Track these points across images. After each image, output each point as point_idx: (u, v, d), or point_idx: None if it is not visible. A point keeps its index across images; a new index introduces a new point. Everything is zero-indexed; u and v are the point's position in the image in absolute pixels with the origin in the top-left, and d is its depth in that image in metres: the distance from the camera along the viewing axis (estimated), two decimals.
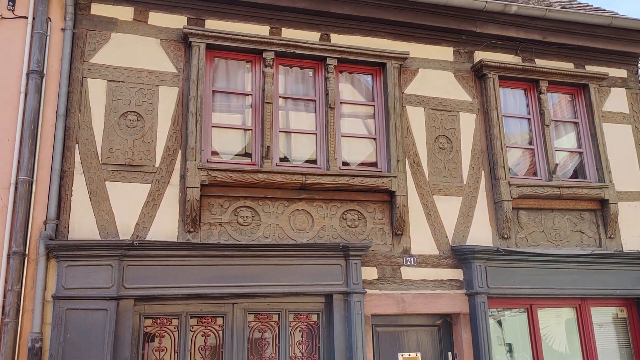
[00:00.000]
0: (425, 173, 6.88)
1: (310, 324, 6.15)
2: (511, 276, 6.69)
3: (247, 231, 6.10)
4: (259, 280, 5.90)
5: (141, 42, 6.24)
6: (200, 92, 6.12)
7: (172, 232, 5.83)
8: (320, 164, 6.55)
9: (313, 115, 6.75)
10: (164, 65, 6.25)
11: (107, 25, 6.19)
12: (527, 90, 7.66)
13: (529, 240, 7.03)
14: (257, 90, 6.54)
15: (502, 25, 7.45)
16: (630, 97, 8.13)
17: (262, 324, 6.00)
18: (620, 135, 7.89)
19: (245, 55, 6.59)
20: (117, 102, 6.00)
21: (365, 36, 7.09)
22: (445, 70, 7.33)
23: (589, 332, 7.01)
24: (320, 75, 6.83)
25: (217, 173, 5.95)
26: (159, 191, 5.88)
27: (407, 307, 6.35)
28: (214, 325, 5.84)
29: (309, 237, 6.28)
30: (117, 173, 5.82)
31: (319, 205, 6.40)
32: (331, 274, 6.13)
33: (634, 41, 8.03)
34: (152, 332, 5.66)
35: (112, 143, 5.88)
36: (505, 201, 6.84)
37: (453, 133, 7.13)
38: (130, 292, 5.48)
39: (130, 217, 5.74)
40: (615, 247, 7.33)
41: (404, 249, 6.56)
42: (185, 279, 5.67)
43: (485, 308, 6.43)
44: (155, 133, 6.03)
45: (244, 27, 6.60)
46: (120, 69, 6.09)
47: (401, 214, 6.49)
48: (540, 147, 7.42)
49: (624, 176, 7.67)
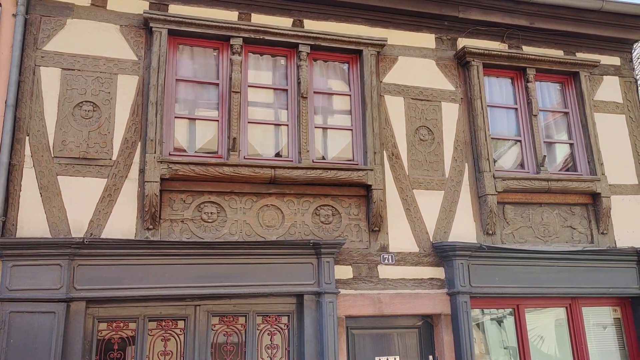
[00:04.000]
0: (404, 166, 6.49)
1: (280, 326, 5.76)
2: (496, 274, 6.29)
3: (212, 228, 5.72)
4: (224, 281, 5.52)
5: (99, 28, 5.88)
6: (161, 80, 5.75)
7: (130, 229, 5.45)
8: (291, 157, 6.17)
9: (285, 105, 6.37)
10: (124, 52, 5.88)
11: (62, 11, 5.83)
12: (514, 78, 7.26)
13: (516, 237, 6.63)
14: (224, 79, 6.17)
15: (487, 10, 7.06)
16: (624, 86, 7.72)
17: (228, 327, 5.61)
18: (614, 126, 7.48)
19: (211, 42, 6.22)
20: (71, 92, 5.63)
21: (341, 22, 6.71)
22: (427, 58, 6.94)
23: (580, 334, 6.60)
24: (292, 63, 6.46)
25: (178, 166, 5.58)
26: (116, 186, 5.51)
27: (384, 307, 5.96)
28: (174, 329, 5.46)
29: (279, 234, 5.90)
30: (70, 167, 5.45)
31: (290, 201, 6.02)
32: (302, 273, 5.75)
33: (627, 27, 7.62)
34: (106, 337, 5.27)
35: (66, 135, 5.51)
36: (489, 195, 6.45)
37: (435, 124, 6.74)
38: (81, 294, 5.10)
39: (84, 214, 5.37)
40: (608, 243, 6.93)
41: (382, 246, 6.17)
42: (143, 280, 5.30)
43: (467, 308, 6.03)
44: (112, 124, 5.66)
45: (210, 12, 6.23)
46: (76, 56, 5.72)
47: (378, 209, 6.10)
48: (527, 139, 7.02)
49: (617, 169, 7.26)
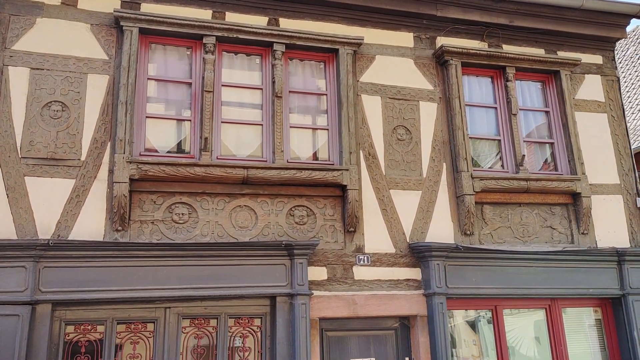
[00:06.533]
0: (381, 166, 6.42)
1: (252, 328, 5.68)
2: (473, 275, 6.22)
3: (183, 229, 5.65)
4: (194, 283, 5.44)
5: (69, 27, 5.80)
6: (131, 79, 5.68)
7: (99, 230, 5.38)
8: (265, 157, 6.10)
9: (259, 105, 6.30)
10: (94, 51, 5.81)
11: (32, 10, 5.75)
12: (494, 77, 7.19)
13: (494, 237, 6.56)
14: (197, 78, 6.10)
15: (465, 9, 7.00)
16: (606, 85, 7.66)
17: (199, 329, 5.53)
18: (595, 125, 7.41)
19: (184, 41, 6.15)
20: (40, 92, 5.55)
21: (318, 21, 6.64)
22: (405, 57, 6.87)
23: (559, 335, 6.53)
24: (267, 62, 6.39)
25: (148, 167, 5.51)
26: (85, 187, 5.43)
27: (359, 309, 5.88)
28: (143, 332, 5.38)
29: (252, 235, 5.82)
30: (37, 167, 5.37)
31: (263, 201, 5.95)
32: (275, 275, 5.68)
33: (608, 25, 7.56)
34: (74, 340, 5.19)
35: (34, 135, 5.43)
36: (467, 195, 6.38)
37: (412, 123, 6.67)
38: (47, 297, 5.03)
39: (52, 215, 5.28)
40: (588, 243, 6.86)
41: (357, 247, 6.10)
42: (112, 282, 5.22)
43: (443, 309, 5.96)
44: (82, 124, 5.58)
45: (183, 10, 6.16)
46: (45, 56, 5.65)
47: (353, 210, 6.03)
48: (507, 138, 6.95)
49: (598, 168, 7.20)
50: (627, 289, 6.65)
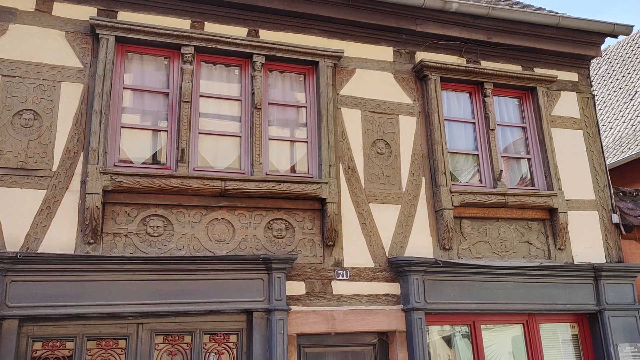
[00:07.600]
0: (360, 179, 6.37)
1: (229, 345, 5.55)
2: (452, 290, 6.18)
3: (158, 242, 5.50)
4: (168, 298, 5.30)
5: (43, 34, 5.65)
6: (107, 88, 5.55)
7: (69, 243, 5.20)
8: (244, 169, 6.00)
9: (238, 117, 6.21)
10: (69, 59, 5.67)
11: (4, 16, 5.59)
12: (472, 93, 7.24)
13: (473, 252, 6.54)
14: (174, 89, 5.99)
15: (444, 24, 7.04)
16: (582, 102, 7.76)
17: (172, 346, 5.38)
18: (571, 141, 7.49)
19: (162, 51, 6.05)
20: (11, 100, 5.38)
21: (298, 33, 6.60)
22: (385, 71, 6.87)
23: (537, 350, 6.52)
24: (246, 73, 6.31)
25: (122, 178, 5.36)
26: (56, 198, 5.26)
27: (338, 324, 5.79)
28: (115, 349, 5.20)
29: (229, 248, 5.71)
30: (7, 177, 5.19)
31: (241, 214, 5.84)
32: (252, 290, 5.56)
33: (584, 42, 7.69)
34: (42, 357, 4.99)
35: (3, 144, 5.25)
36: (446, 209, 6.36)
37: (392, 137, 6.65)
38: (14, 312, 4.83)
39: (20, 227, 5.10)
40: (565, 258, 6.89)
41: (336, 261, 6.02)
42: (82, 297, 5.04)
43: (422, 325, 5.90)
44: (54, 133, 5.43)
45: (161, 20, 6.06)
46: (17, 63, 5.49)
47: (332, 224, 5.96)
48: (484, 153, 6.98)
49: (574, 184, 7.26)
50: (603, 304, 6.69)
